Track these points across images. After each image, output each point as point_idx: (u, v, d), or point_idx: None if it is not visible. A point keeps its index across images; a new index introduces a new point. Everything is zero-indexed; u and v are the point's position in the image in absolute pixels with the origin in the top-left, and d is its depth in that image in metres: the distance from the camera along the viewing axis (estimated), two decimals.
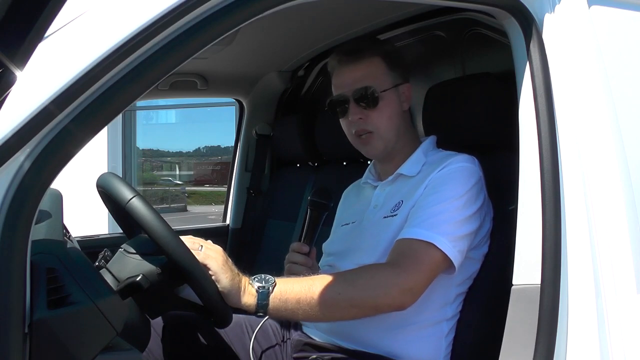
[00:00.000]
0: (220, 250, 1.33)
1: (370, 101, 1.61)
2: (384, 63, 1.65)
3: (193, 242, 1.31)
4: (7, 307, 0.88)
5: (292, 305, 1.32)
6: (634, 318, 1.30)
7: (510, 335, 1.29)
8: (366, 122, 1.63)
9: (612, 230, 1.31)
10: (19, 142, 0.89)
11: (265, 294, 1.31)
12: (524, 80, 1.35)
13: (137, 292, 1.30)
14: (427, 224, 1.44)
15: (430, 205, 1.47)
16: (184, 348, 1.70)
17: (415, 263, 1.40)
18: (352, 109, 1.63)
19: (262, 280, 1.33)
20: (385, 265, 1.44)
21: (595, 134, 1.34)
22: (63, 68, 0.93)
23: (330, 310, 1.36)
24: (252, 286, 1.32)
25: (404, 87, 1.68)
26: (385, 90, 1.63)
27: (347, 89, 1.63)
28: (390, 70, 1.65)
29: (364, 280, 1.38)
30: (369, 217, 1.67)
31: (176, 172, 16.35)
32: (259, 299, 1.30)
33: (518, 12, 1.36)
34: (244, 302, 1.30)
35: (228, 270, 1.29)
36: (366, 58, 1.64)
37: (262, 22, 1.17)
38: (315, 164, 2.72)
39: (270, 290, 1.31)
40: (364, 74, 1.62)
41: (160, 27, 0.99)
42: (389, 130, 1.64)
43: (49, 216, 1.14)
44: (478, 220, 1.49)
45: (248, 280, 1.33)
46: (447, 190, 1.49)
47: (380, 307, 1.40)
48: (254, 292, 1.31)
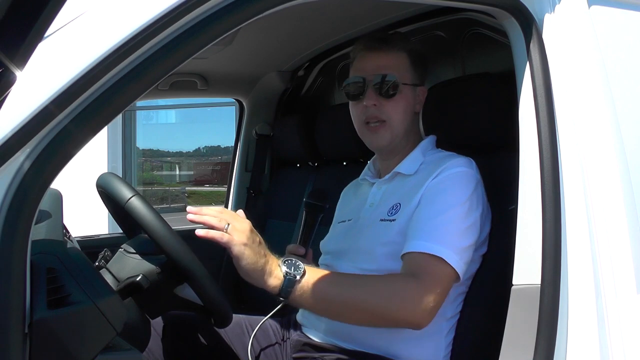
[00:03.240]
0: (247, 226, 1.28)
1: (389, 89, 1.61)
2: (409, 60, 1.66)
3: (220, 220, 1.27)
4: (7, 307, 0.88)
5: (316, 300, 1.31)
6: (634, 318, 1.30)
7: (510, 335, 1.29)
8: (380, 109, 1.62)
9: (612, 230, 1.31)
10: (19, 142, 0.89)
11: (292, 282, 1.29)
12: (524, 80, 1.35)
13: (137, 292, 1.30)
14: (436, 236, 1.42)
15: (435, 215, 1.46)
16: (184, 348, 1.70)
17: (434, 281, 1.38)
18: (368, 93, 1.62)
19: (291, 265, 1.30)
20: (408, 278, 1.40)
21: (595, 133, 1.34)
22: (63, 68, 0.93)
23: (350, 314, 1.37)
24: (280, 269, 1.29)
25: (421, 89, 1.69)
26: (405, 84, 1.63)
27: (369, 73, 1.63)
28: (413, 69, 1.66)
29: (391, 294, 1.37)
30: (365, 216, 1.66)
31: (176, 172, 16.34)
32: (284, 285, 1.28)
33: (518, 12, 1.36)
34: (269, 283, 1.28)
35: (251, 248, 1.26)
36: (394, 50, 1.64)
37: (262, 22, 1.17)
38: (315, 164, 2.72)
39: (298, 279, 1.29)
40: (389, 64, 1.62)
41: (160, 27, 0.99)
42: (400, 123, 1.64)
43: (49, 216, 1.15)
44: (480, 226, 1.49)
45: (277, 262, 1.30)
46: (450, 198, 1.48)
47: (399, 322, 1.40)
48: (281, 277, 1.28)
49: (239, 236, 1.26)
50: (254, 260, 1.26)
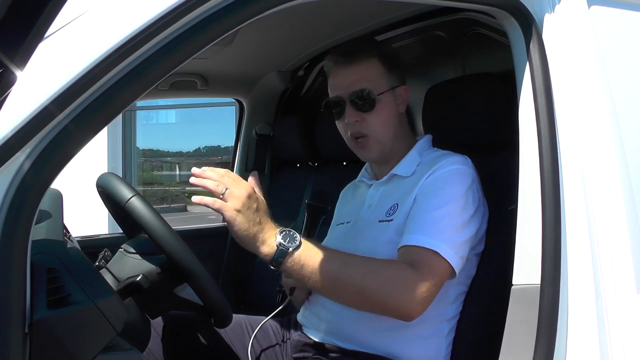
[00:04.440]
0: (245, 192, 1.26)
1: (367, 104, 1.59)
2: (381, 65, 1.63)
3: (218, 185, 1.25)
4: (7, 307, 0.88)
5: (307, 273, 1.29)
6: (634, 318, 1.30)
7: (510, 335, 1.29)
8: (362, 125, 1.61)
9: (612, 230, 1.31)
10: (19, 142, 0.89)
11: (283, 253, 1.27)
12: (524, 80, 1.35)
13: (137, 292, 1.30)
14: (432, 230, 1.42)
15: (431, 209, 1.46)
16: (184, 348, 1.70)
17: (430, 272, 1.37)
18: (348, 111, 1.61)
19: (287, 237, 1.29)
20: (406, 266, 1.39)
21: (595, 134, 1.34)
22: (63, 68, 0.93)
23: (342, 292, 1.35)
24: (274, 239, 1.28)
25: (400, 89, 1.67)
26: (382, 93, 1.61)
27: (343, 90, 1.62)
28: (387, 73, 1.64)
29: (386, 278, 1.35)
30: (363, 218, 1.66)
31: (176, 172, 16.34)
32: (275, 255, 1.27)
33: (518, 12, 1.36)
34: (261, 250, 1.27)
35: (245, 215, 1.24)
36: (363, 60, 1.62)
37: (262, 22, 1.17)
38: (315, 164, 2.72)
39: (291, 251, 1.28)
40: (361, 76, 1.60)
41: (160, 27, 0.99)
42: (385, 133, 1.63)
43: (49, 216, 1.15)
44: (476, 223, 1.49)
45: (275, 231, 1.29)
46: (446, 194, 1.47)
47: (389, 309, 1.37)
48: (274, 246, 1.27)
49: (234, 202, 1.24)
50: (245, 227, 1.24)
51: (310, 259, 1.29)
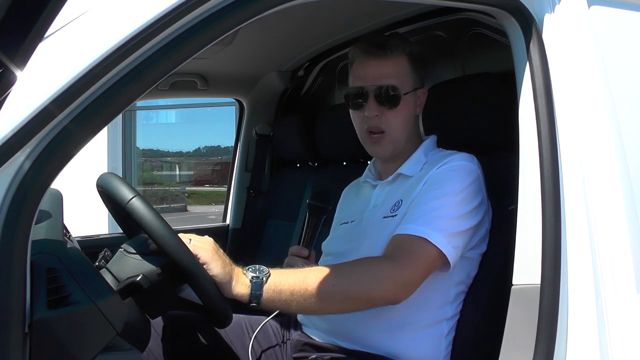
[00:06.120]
0: (210, 240, 1.30)
1: (392, 101, 1.59)
2: (408, 64, 1.63)
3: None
4: (7, 307, 0.88)
5: (286, 296, 1.30)
6: (634, 318, 1.30)
7: (510, 335, 1.29)
8: (381, 120, 1.61)
9: (612, 230, 1.31)
10: (19, 142, 0.89)
11: (259, 284, 1.28)
12: (524, 80, 1.35)
13: (137, 292, 1.30)
14: (423, 220, 1.44)
15: (427, 201, 1.47)
16: (184, 348, 1.70)
17: (411, 258, 1.40)
18: (370, 104, 1.60)
19: (256, 270, 1.30)
20: (380, 258, 1.43)
21: (595, 134, 1.34)
22: (63, 68, 0.93)
23: (325, 302, 1.34)
24: (245, 276, 1.29)
25: (421, 91, 1.68)
26: (407, 92, 1.61)
27: (370, 82, 1.60)
28: (413, 73, 1.64)
29: (359, 273, 1.38)
30: (368, 217, 1.66)
31: (176, 172, 16.35)
32: (252, 289, 1.27)
33: (518, 12, 1.36)
34: (237, 292, 1.27)
35: (219, 259, 1.26)
36: (395, 55, 1.61)
37: (262, 22, 1.17)
38: (315, 164, 2.72)
39: (264, 280, 1.28)
40: (391, 72, 1.60)
41: (160, 27, 0.99)
42: (401, 133, 1.63)
43: (49, 216, 1.15)
44: (475, 217, 1.49)
45: (242, 270, 1.31)
46: (444, 187, 1.49)
47: (374, 301, 1.40)
48: (248, 282, 1.28)
49: (205, 245, 1.27)
50: (222, 267, 1.26)
51: (285, 283, 1.30)
